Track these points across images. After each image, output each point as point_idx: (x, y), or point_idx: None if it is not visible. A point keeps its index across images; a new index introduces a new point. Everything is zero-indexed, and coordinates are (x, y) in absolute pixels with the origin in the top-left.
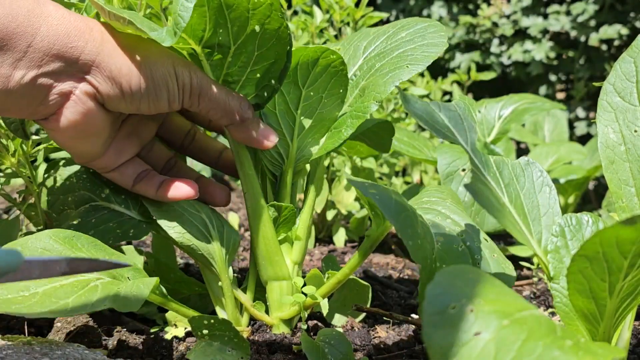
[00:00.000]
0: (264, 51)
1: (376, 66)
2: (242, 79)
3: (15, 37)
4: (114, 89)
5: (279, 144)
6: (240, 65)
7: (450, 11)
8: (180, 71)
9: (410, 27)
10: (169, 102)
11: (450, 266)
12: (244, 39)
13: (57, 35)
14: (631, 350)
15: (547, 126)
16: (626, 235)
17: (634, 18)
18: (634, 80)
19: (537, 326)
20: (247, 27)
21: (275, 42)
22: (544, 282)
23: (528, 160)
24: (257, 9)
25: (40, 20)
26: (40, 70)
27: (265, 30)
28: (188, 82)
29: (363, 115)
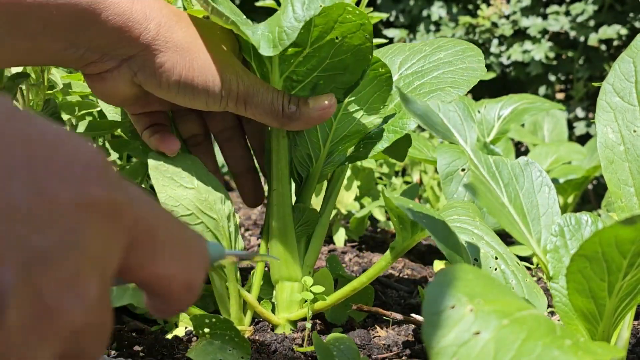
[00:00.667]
0: (336, 61)
1: (414, 84)
2: (305, 80)
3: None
4: (152, 80)
5: (311, 145)
6: (310, 67)
7: (450, 11)
8: (228, 78)
9: (447, 48)
10: (207, 104)
11: (450, 266)
12: (322, 44)
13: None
14: (630, 349)
15: (547, 126)
16: (625, 235)
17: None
18: (633, 80)
19: (536, 326)
20: (328, 35)
21: (350, 56)
22: (544, 282)
23: (527, 160)
24: (345, 23)
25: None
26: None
27: (344, 43)
28: (235, 90)
29: (401, 131)
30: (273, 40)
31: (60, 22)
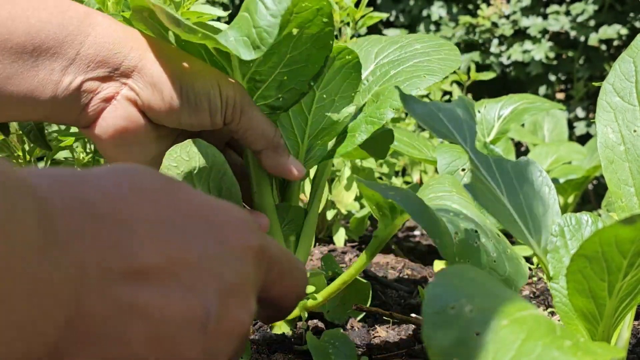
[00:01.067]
0: (296, 54)
1: (391, 73)
2: (269, 79)
3: (65, 45)
4: (155, 95)
5: (289, 144)
6: (271, 65)
7: (450, 11)
8: (224, 85)
9: (424, 40)
10: (210, 115)
11: (450, 266)
12: (280, 40)
13: (104, 43)
14: (630, 349)
15: (547, 126)
16: (625, 235)
17: (633, 18)
18: (633, 80)
19: (536, 326)
20: (285, 29)
21: (310, 46)
22: (544, 282)
23: (528, 160)
24: (301, 12)
25: (89, 29)
26: (86, 76)
27: (303, 34)
28: (232, 95)
29: (379, 122)
30: (253, 42)
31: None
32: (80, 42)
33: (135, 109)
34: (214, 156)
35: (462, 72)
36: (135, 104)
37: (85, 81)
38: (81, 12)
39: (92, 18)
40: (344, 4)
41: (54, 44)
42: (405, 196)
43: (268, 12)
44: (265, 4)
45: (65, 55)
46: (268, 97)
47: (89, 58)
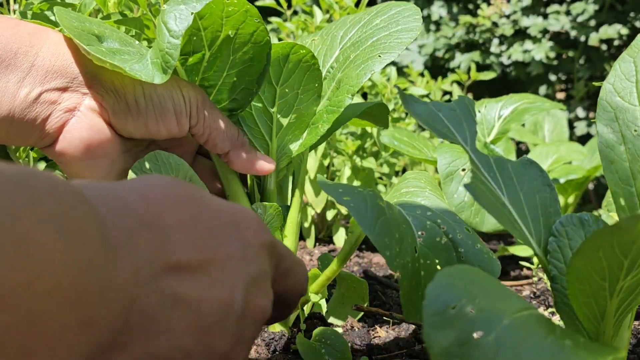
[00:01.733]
0: (240, 55)
1: (351, 57)
2: (218, 83)
3: (19, 56)
4: (119, 102)
5: (257, 143)
6: (216, 69)
7: (450, 11)
8: (184, 85)
9: (384, 12)
10: (176, 117)
11: (450, 266)
12: (219, 44)
13: (59, 53)
14: (631, 350)
15: (547, 126)
16: (626, 235)
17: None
18: (633, 80)
19: (536, 326)
20: (221, 33)
21: (251, 45)
22: (544, 282)
23: (528, 160)
24: (231, 16)
25: (42, 41)
26: (43, 87)
27: (240, 35)
28: (194, 95)
29: (338, 110)
30: (161, 65)
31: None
32: (34, 54)
33: (100, 119)
34: (178, 164)
35: (462, 72)
36: (100, 114)
37: (44, 92)
38: (32, 27)
39: (44, 32)
40: (344, 3)
41: (6, 56)
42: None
43: (170, 33)
44: (167, 26)
45: (20, 67)
46: (222, 101)
47: (45, 68)
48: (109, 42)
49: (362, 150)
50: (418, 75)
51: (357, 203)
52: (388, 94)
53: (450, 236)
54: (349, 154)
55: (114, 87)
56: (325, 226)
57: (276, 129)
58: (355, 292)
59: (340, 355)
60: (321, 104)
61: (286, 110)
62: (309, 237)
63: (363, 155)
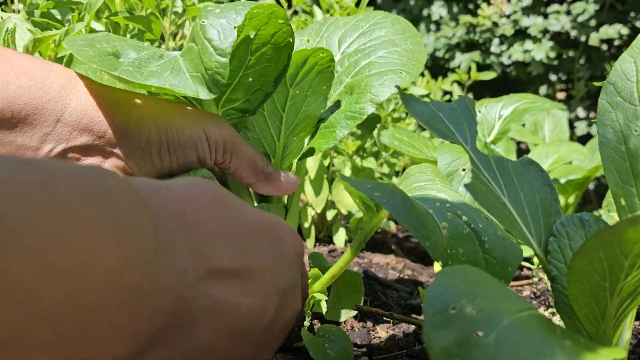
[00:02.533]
0: (258, 55)
1: (361, 64)
2: (233, 82)
3: (45, 111)
4: (144, 159)
5: (266, 142)
6: (232, 69)
7: (451, 11)
8: (211, 130)
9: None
10: (200, 162)
11: (450, 266)
12: (237, 44)
13: (86, 110)
14: (631, 350)
15: (548, 126)
16: (627, 236)
17: (634, 18)
18: (634, 80)
19: (537, 326)
20: (242, 33)
21: (270, 47)
22: (544, 282)
23: (528, 160)
24: (254, 18)
25: (71, 95)
26: (68, 144)
27: (259, 36)
28: (220, 140)
29: (360, 117)
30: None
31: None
32: (61, 109)
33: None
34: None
35: (462, 71)
36: (124, 171)
37: (67, 150)
38: (63, 77)
39: (75, 84)
40: (345, 3)
41: (33, 110)
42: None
43: (216, 52)
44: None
45: (46, 122)
46: (235, 101)
47: (71, 125)
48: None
49: (363, 150)
50: (418, 75)
51: (389, 198)
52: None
53: (472, 226)
54: (349, 154)
55: (140, 145)
56: (325, 226)
57: (284, 129)
58: (350, 285)
59: (342, 352)
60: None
61: (294, 112)
62: (309, 237)
63: (363, 155)
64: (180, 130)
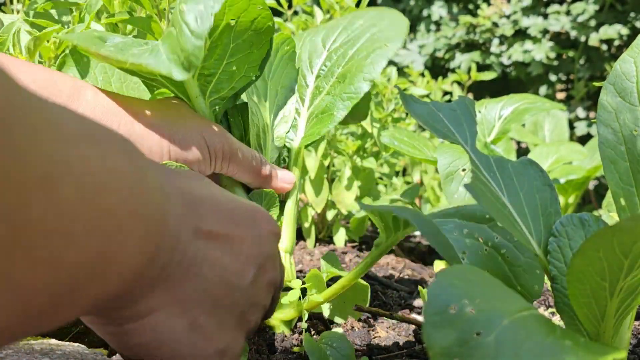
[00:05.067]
0: (240, 42)
1: (349, 54)
2: (218, 71)
3: None
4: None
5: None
6: (216, 58)
7: (451, 11)
8: (210, 137)
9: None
10: (199, 169)
11: (451, 266)
12: (219, 32)
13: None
14: (631, 350)
15: (547, 126)
16: (627, 235)
17: (634, 18)
18: (634, 80)
19: (537, 326)
20: (222, 21)
21: (251, 33)
22: (544, 282)
23: (528, 160)
24: (234, 5)
25: (76, 104)
26: None
27: (240, 23)
28: (219, 147)
29: (356, 96)
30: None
31: None
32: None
33: None
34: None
35: (462, 72)
36: None
37: None
38: (69, 86)
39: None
40: (345, 3)
41: None
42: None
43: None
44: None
45: None
46: (221, 90)
47: None
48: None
49: (363, 150)
50: (418, 76)
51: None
52: (388, 94)
53: (489, 243)
54: (350, 154)
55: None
56: (326, 226)
57: (271, 121)
58: (357, 294)
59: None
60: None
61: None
62: (309, 237)
63: (363, 155)
64: (182, 140)
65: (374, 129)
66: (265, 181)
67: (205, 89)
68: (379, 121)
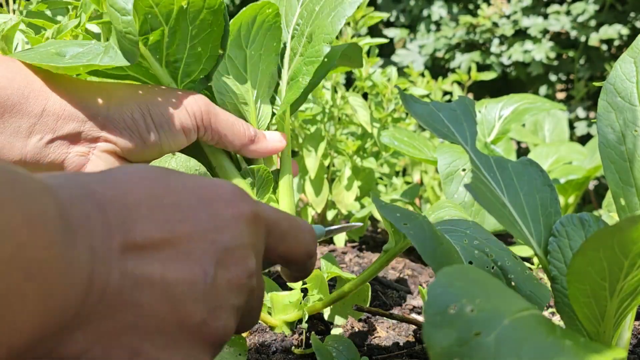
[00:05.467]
0: (197, 23)
1: (316, 9)
2: (184, 56)
3: (30, 101)
4: (134, 138)
5: (240, 109)
6: (178, 43)
7: (451, 11)
8: (188, 102)
9: None
10: (185, 135)
11: (450, 266)
12: (175, 17)
13: (69, 98)
14: (631, 350)
15: (547, 126)
16: (627, 235)
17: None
18: (634, 80)
19: (537, 326)
20: (174, 5)
21: (206, 12)
22: (544, 282)
23: (528, 160)
24: None
25: (53, 85)
26: (55, 134)
27: (193, 4)
28: (198, 110)
29: (317, 60)
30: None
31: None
32: (45, 97)
33: (115, 157)
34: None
35: (462, 72)
36: (115, 154)
37: (56, 139)
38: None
39: (57, 76)
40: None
41: (18, 100)
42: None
43: (121, 13)
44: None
45: (32, 112)
46: (192, 73)
47: (57, 113)
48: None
49: (363, 150)
50: (418, 76)
51: (417, 231)
52: (388, 94)
53: (499, 264)
54: (350, 154)
55: (127, 125)
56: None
57: (251, 92)
58: (358, 294)
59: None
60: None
61: (254, 72)
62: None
63: (363, 155)
64: (161, 105)
65: (374, 129)
66: (254, 145)
67: (176, 75)
68: (379, 121)
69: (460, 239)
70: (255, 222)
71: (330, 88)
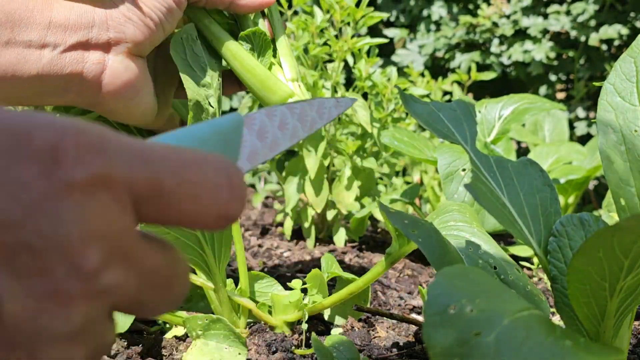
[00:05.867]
0: None
1: None
2: None
3: (35, 14)
4: (138, 27)
5: None
6: None
7: (451, 11)
8: None
9: None
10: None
11: (450, 266)
12: None
13: (70, 7)
14: (631, 350)
15: (547, 126)
16: (627, 235)
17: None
18: (634, 80)
19: (537, 326)
20: None
21: None
22: (544, 282)
23: (528, 160)
24: None
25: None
26: (67, 44)
27: None
28: None
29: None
30: None
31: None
32: (50, 10)
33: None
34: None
35: (462, 72)
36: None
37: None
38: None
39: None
40: (345, 3)
41: (24, 13)
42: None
43: None
44: None
45: (40, 24)
46: None
47: (62, 25)
48: None
49: (363, 150)
50: (418, 76)
51: (425, 238)
52: (388, 94)
53: (502, 277)
54: (349, 154)
55: (127, 16)
56: (326, 226)
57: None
58: (357, 295)
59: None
60: None
61: None
62: (309, 237)
63: (363, 155)
64: None
65: (374, 129)
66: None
67: None
68: (379, 121)
69: (466, 248)
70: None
71: (330, 88)
